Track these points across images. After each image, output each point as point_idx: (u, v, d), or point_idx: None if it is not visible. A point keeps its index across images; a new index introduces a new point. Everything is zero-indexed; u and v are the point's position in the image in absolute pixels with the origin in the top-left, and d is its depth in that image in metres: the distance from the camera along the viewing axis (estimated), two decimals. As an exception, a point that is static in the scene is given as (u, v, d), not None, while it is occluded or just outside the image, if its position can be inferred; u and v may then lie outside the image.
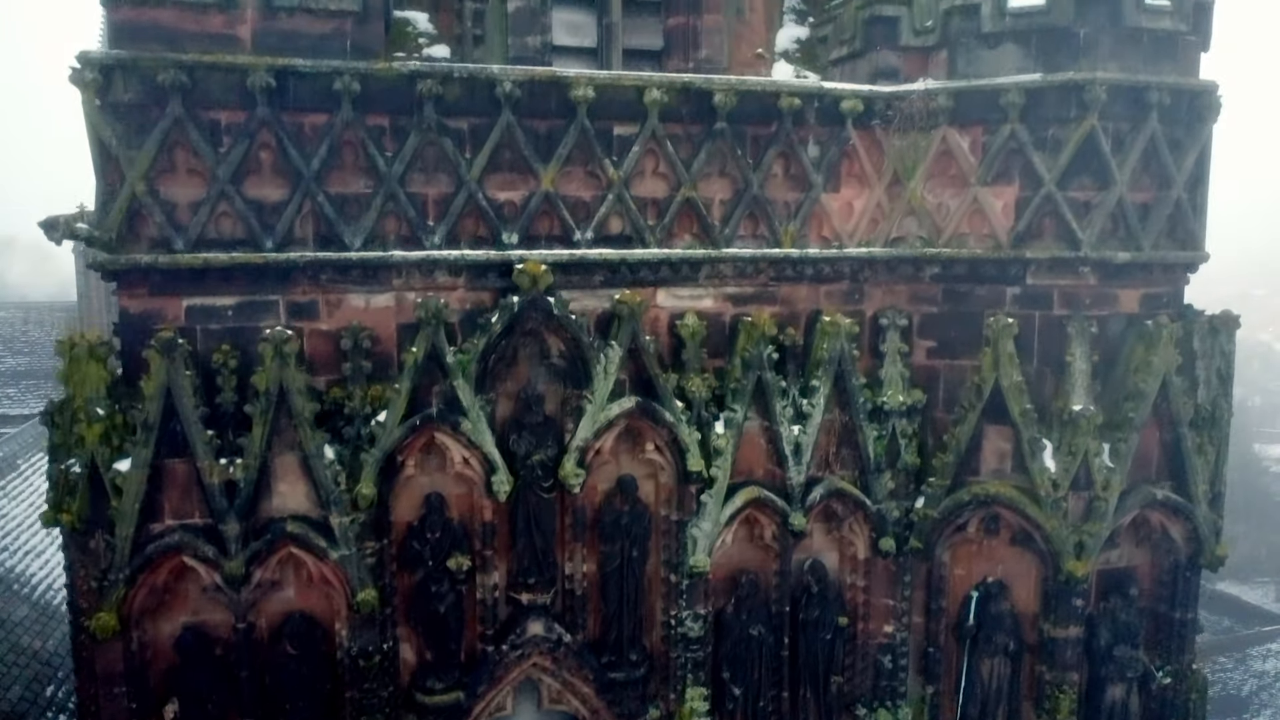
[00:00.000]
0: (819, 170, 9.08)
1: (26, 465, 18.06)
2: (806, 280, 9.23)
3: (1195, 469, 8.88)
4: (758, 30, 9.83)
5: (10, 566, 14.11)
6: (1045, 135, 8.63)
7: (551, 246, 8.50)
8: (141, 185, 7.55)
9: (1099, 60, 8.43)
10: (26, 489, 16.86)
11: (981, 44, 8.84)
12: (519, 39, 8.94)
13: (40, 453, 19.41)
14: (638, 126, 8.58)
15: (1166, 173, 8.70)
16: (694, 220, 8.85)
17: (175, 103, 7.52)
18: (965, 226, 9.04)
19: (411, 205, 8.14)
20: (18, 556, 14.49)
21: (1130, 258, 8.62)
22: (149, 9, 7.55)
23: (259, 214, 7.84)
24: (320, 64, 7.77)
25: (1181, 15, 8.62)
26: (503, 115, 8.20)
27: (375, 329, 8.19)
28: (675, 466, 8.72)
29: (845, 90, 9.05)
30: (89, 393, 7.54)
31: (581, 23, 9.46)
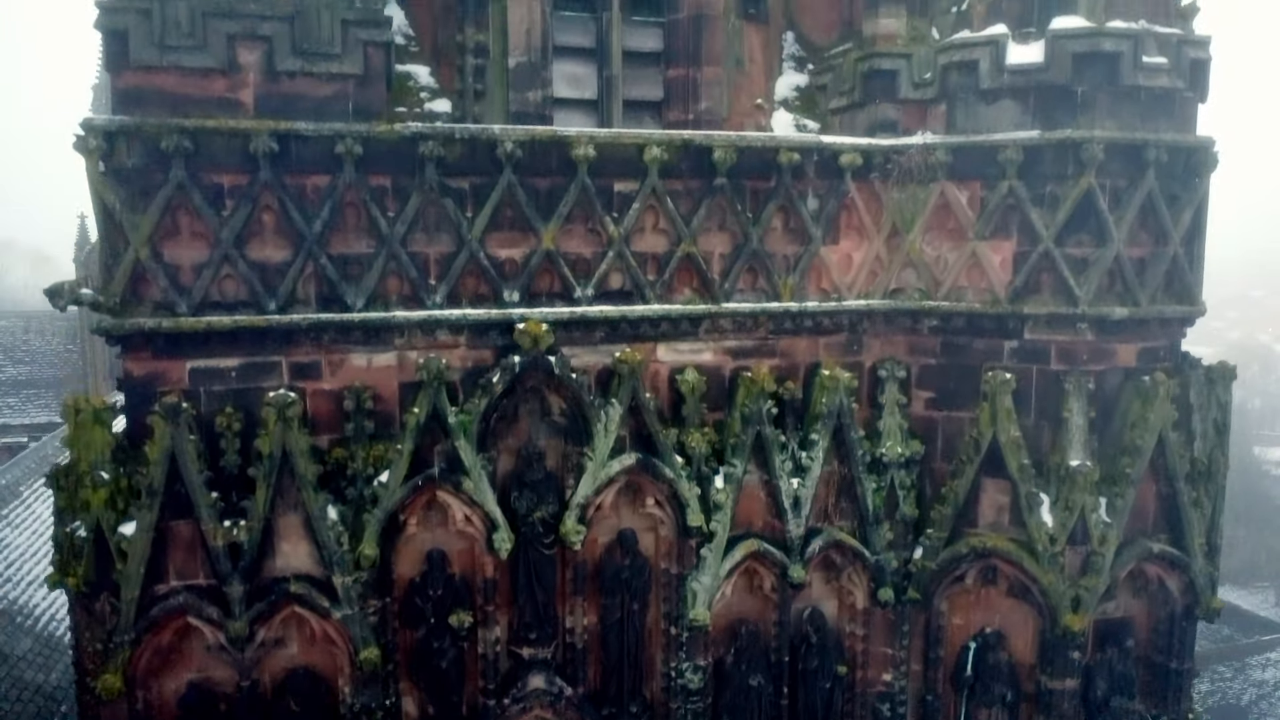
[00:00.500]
0: (818, 223, 9.14)
1: (29, 492, 18.12)
2: (805, 332, 9.28)
3: (1191, 523, 8.94)
4: (757, 80, 9.87)
5: (14, 599, 14.18)
6: (1043, 191, 8.69)
7: (553, 303, 8.57)
8: (145, 250, 7.61)
9: (1097, 118, 8.49)
10: (29, 517, 16.92)
11: (980, 99, 8.89)
12: (520, 94, 8.98)
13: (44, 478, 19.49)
14: (638, 183, 8.64)
15: (1164, 229, 8.76)
16: (694, 275, 8.91)
17: (178, 167, 7.58)
18: (963, 280, 9.09)
19: (413, 265, 8.20)
20: (20, 587, 14.56)
21: (1128, 314, 8.68)
22: (152, 74, 7.61)
23: (262, 275, 7.90)
24: (323, 127, 7.83)
25: (1179, 72, 8.67)
26: (504, 175, 8.26)
27: (377, 387, 8.25)
28: (675, 521, 8.78)
29: (844, 144, 9.10)
30: (94, 457, 7.60)
31: (582, 75, 9.50)
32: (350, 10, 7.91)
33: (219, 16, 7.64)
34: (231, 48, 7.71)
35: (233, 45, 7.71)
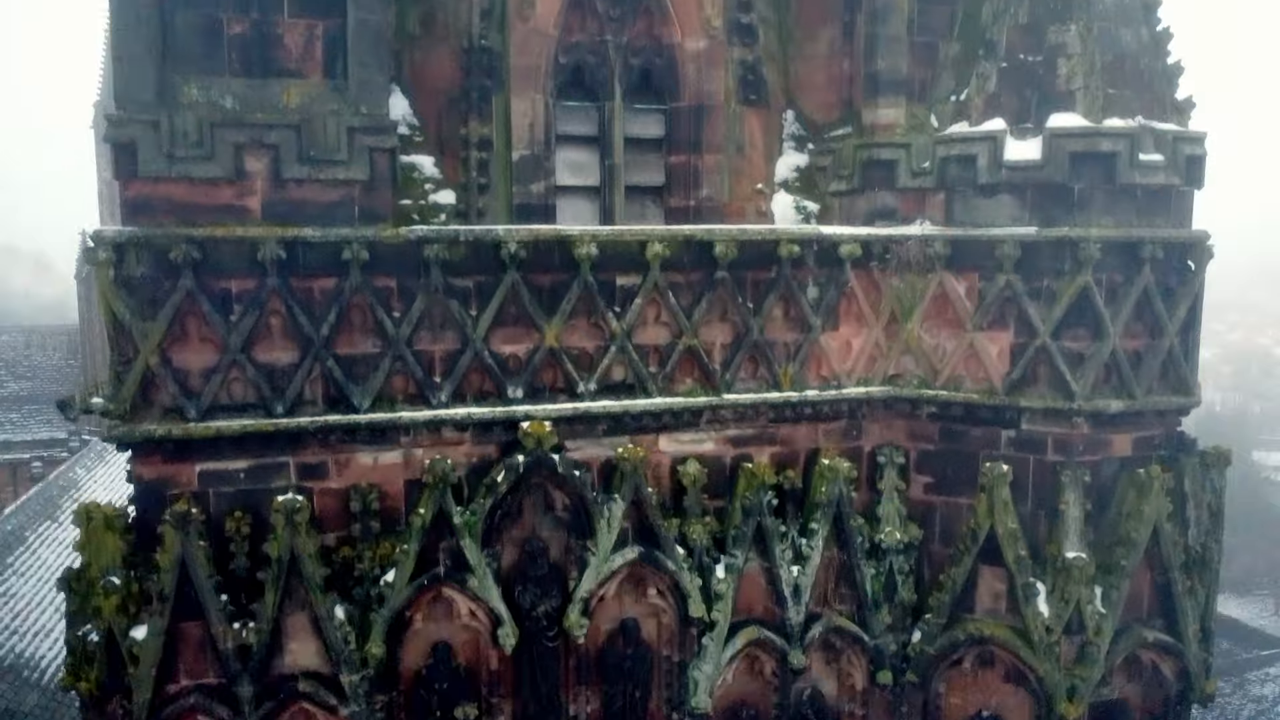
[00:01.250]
0: (818, 312, 9.25)
1: (34, 537, 18.24)
2: (805, 419, 9.40)
3: (1186, 611, 9.07)
4: (757, 165, 9.98)
5: (20, 652, 14.31)
6: (1040, 286, 8.80)
7: (556, 398, 8.68)
8: (155, 357, 7.72)
9: (1093, 215, 8.60)
10: (35, 564, 17.05)
11: (978, 193, 9.00)
12: (523, 187, 9.09)
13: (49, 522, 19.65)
14: (640, 278, 8.75)
15: (1159, 322, 8.87)
16: (695, 365, 9.02)
17: (187, 276, 7.68)
18: (961, 369, 9.21)
19: (419, 364, 8.31)
20: (27, 639, 14.69)
21: (1124, 406, 8.80)
22: (160, 184, 7.71)
23: (269, 378, 8.01)
24: (329, 233, 7.94)
25: (1175, 169, 8.78)
26: (508, 275, 8.36)
27: (383, 485, 8.37)
28: (677, 610, 8.91)
29: (844, 235, 9.21)
30: (105, 563, 7.73)
31: (585, 162, 9.60)
32: (356, 117, 8.02)
33: (226, 126, 7.75)
34: (239, 156, 7.82)
35: (240, 154, 7.82)
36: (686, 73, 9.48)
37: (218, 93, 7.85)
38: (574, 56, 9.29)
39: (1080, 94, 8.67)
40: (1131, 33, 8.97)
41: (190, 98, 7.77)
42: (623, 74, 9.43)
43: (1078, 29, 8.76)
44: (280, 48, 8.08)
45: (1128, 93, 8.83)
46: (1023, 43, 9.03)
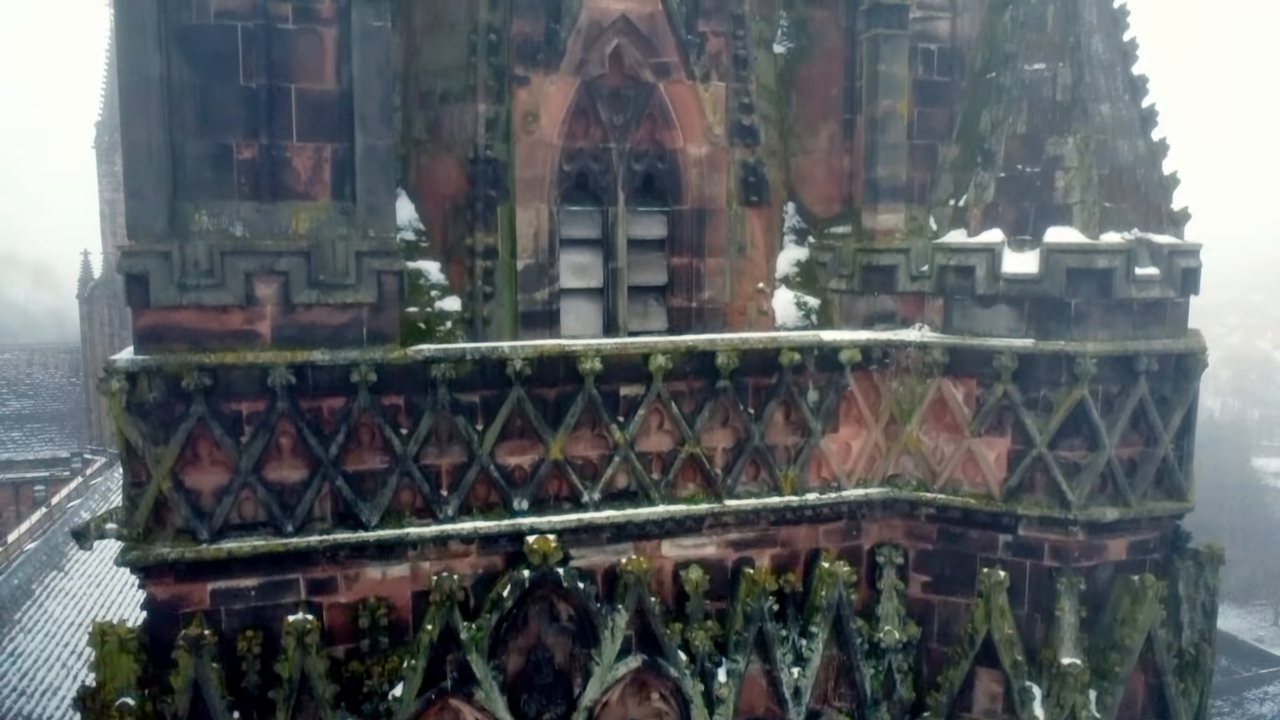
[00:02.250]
0: (818, 416, 9.40)
1: (41, 590, 18.38)
2: (806, 521, 9.55)
3: (1180, 713, 9.23)
4: (759, 264, 10.11)
5: (28, 713, 14.45)
6: (1037, 395, 8.94)
7: (560, 507, 8.83)
8: (167, 482, 7.86)
9: (1089, 329, 8.74)
10: (42, 618, 17.18)
11: (976, 303, 9.14)
12: (528, 295, 9.21)
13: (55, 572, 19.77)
14: (643, 388, 8.90)
15: (1154, 431, 9.01)
16: (697, 471, 9.18)
17: (198, 402, 7.83)
18: (959, 473, 9.35)
19: (426, 479, 8.45)
20: (35, 699, 14.84)
21: (1119, 515, 8.94)
22: (172, 313, 7.85)
23: (280, 497, 8.16)
24: (338, 356, 8.08)
25: (1170, 282, 8.92)
26: (513, 390, 8.51)
27: (391, 598, 8.52)
28: (680, 714, 9.07)
29: (843, 341, 9.35)
30: (120, 684, 7.86)
31: (588, 264, 9.72)
32: (364, 241, 8.15)
33: (237, 254, 7.88)
34: (249, 283, 7.95)
35: (250, 281, 7.95)
36: (689, 178, 9.60)
37: (228, 219, 7.99)
38: (578, 164, 9.41)
39: (1077, 208, 8.81)
40: (1129, 145, 9.10)
41: (201, 225, 7.90)
42: (626, 179, 9.55)
43: (1075, 142, 8.90)
44: (289, 171, 8.21)
45: (1124, 205, 8.97)
46: (1021, 153, 9.17)
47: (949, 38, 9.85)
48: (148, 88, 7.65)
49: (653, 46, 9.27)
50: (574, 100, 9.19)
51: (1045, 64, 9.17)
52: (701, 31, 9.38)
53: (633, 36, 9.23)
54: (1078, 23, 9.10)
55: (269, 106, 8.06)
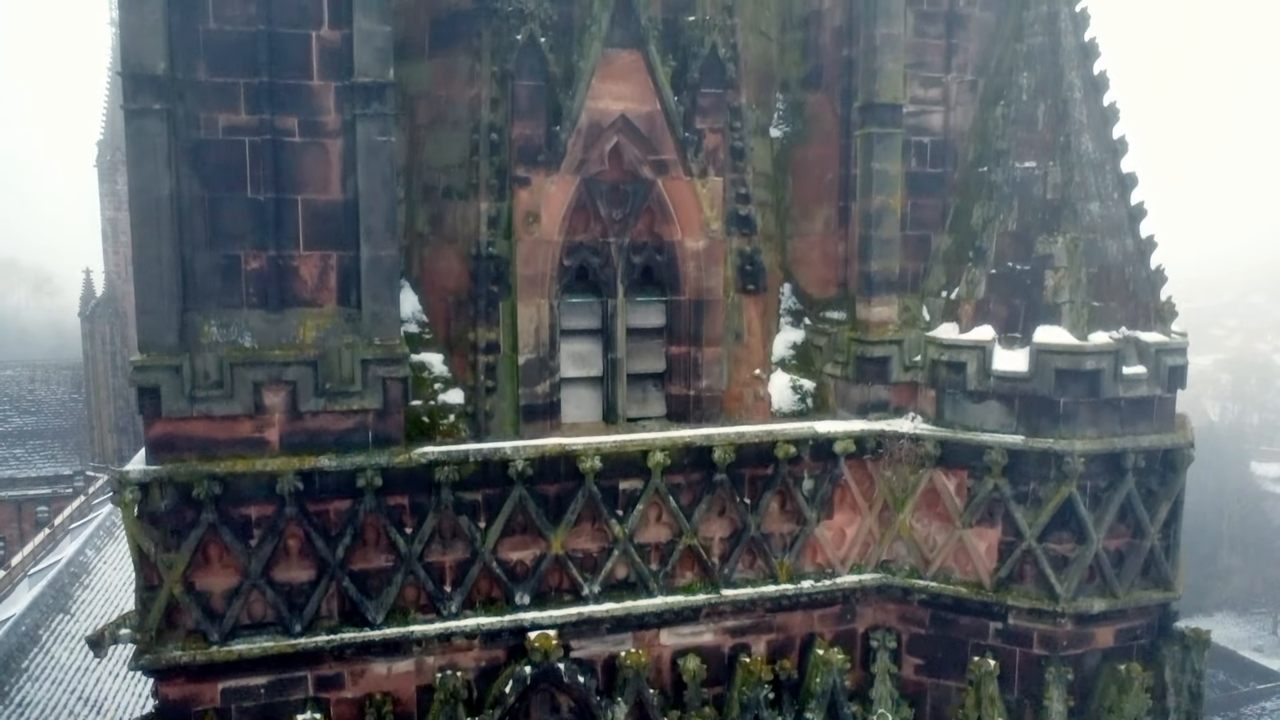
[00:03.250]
0: (813, 505, 9.62)
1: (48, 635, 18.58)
2: (801, 607, 9.77)
3: (1165, 797, 9.47)
4: (755, 351, 10.31)
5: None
6: (1027, 489, 9.15)
7: (561, 599, 9.05)
8: (179, 587, 8.08)
9: (1078, 427, 8.94)
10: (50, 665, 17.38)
11: (967, 398, 9.34)
12: (529, 389, 9.40)
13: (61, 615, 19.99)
14: (642, 482, 9.12)
15: (1141, 523, 9.23)
16: (695, 561, 9.39)
17: (209, 510, 8.04)
18: (951, 561, 9.56)
19: (430, 576, 8.67)
20: (45, 752, 15.03)
21: (1107, 606, 9.16)
22: (183, 423, 8.05)
23: (288, 597, 8.37)
24: (345, 462, 8.29)
25: (1158, 379, 9.13)
26: (515, 489, 8.73)
27: (396, 693, 8.73)
28: (678, 799, 9.29)
29: (838, 432, 9.56)
30: (132, 785, 8.09)
31: (588, 353, 9.91)
32: (370, 349, 8.35)
33: (246, 365, 8.09)
34: (258, 393, 8.16)
35: (259, 391, 8.16)
36: (687, 270, 9.79)
37: (236, 329, 8.19)
38: (578, 258, 9.60)
39: (1066, 308, 9.01)
40: (1117, 243, 9.30)
41: (210, 337, 8.11)
42: (625, 271, 9.74)
43: (1065, 242, 9.09)
44: (296, 279, 8.42)
45: (1113, 303, 9.17)
46: (1012, 250, 9.36)
47: (942, 130, 10.04)
48: (158, 207, 7.85)
49: (651, 144, 9.47)
50: (574, 197, 9.38)
51: (1036, 162, 9.37)
52: (699, 129, 9.57)
53: (632, 135, 9.43)
54: (1068, 122, 9.29)
55: (276, 217, 8.27)
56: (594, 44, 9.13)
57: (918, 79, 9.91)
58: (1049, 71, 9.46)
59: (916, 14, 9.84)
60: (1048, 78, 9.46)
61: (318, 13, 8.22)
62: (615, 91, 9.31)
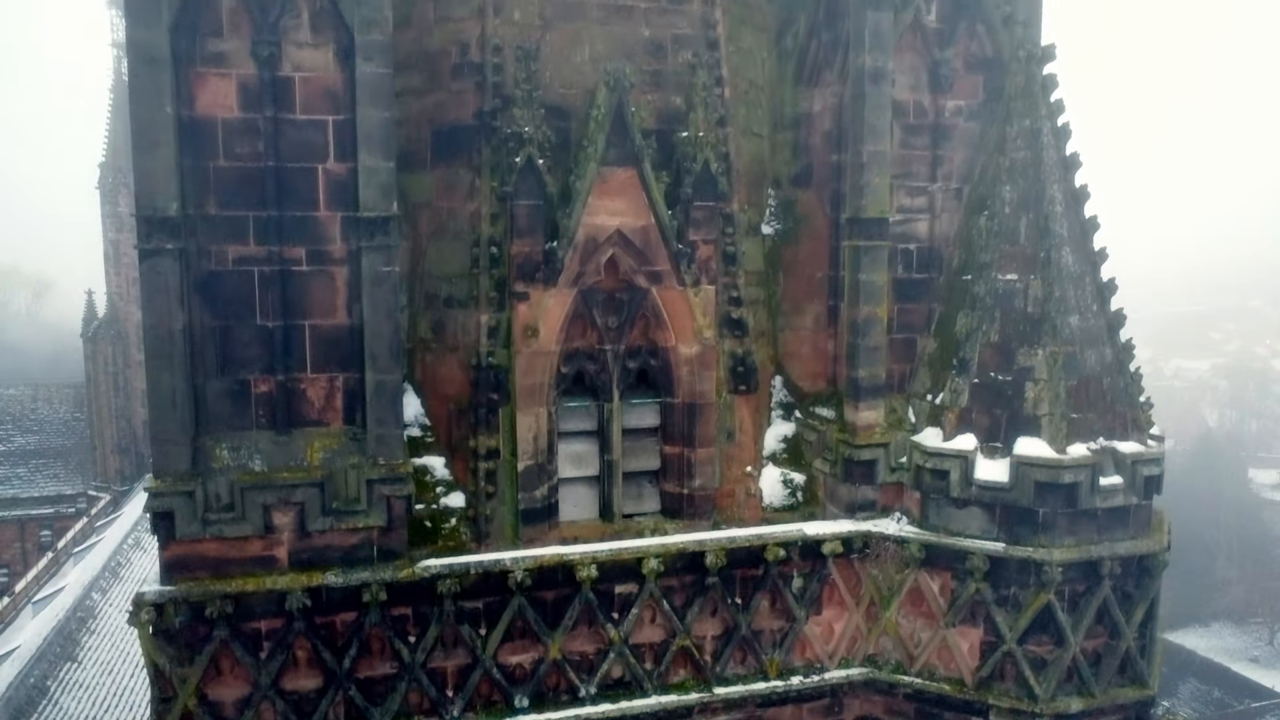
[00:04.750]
0: (802, 603, 9.97)
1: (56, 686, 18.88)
2: (791, 702, 10.12)
3: None
4: (747, 448, 10.64)
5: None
6: (1008, 593, 9.49)
7: (559, 701, 9.40)
8: (193, 699, 8.42)
9: (1056, 536, 9.28)
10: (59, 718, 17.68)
11: (950, 503, 9.68)
12: (528, 493, 9.72)
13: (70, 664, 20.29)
14: (637, 587, 9.47)
15: (1118, 626, 9.57)
16: (688, 660, 9.75)
17: (221, 627, 8.38)
18: (935, 658, 9.91)
19: (432, 683, 9.02)
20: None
21: (1084, 706, 9.51)
22: (196, 545, 8.40)
23: (296, 706, 8.73)
24: (351, 577, 8.63)
25: (1134, 489, 9.46)
26: (515, 598, 9.08)
27: (401, 794, 9.10)
28: None
29: (826, 534, 9.91)
30: None
31: (585, 453, 10.24)
32: (374, 469, 8.69)
33: (256, 489, 8.43)
34: (267, 514, 8.50)
35: (268, 512, 8.50)
36: (680, 374, 10.10)
37: (246, 453, 8.53)
38: (575, 365, 9.93)
39: (1046, 420, 9.34)
40: (1095, 354, 9.64)
41: (222, 461, 8.44)
42: (621, 377, 10.06)
43: (1044, 356, 9.43)
44: (304, 401, 8.75)
45: (1091, 414, 9.51)
46: (994, 361, 9.69)
47: (927, 237, 10.39)
48: (171, 341, 8.18)
49: (646, 257, 9.79)
50: (571, 308, 9.70)
51: (1018, 275, 9.70)
52: (692, 240, 9.89)
53: (627, 247, 9.74)
54: (1049, 237, 9.62)
55: (285, 343, 8.61)
56: (590, 164, 9.45)
57: (904, 188, 10.26)
58: (1031, 186, 9.79)
59: (903, 127, 10.18)
60: (1030, 192, 9.78)
61: (324, 148, 8.55)
62: (611, 207, 9.62)
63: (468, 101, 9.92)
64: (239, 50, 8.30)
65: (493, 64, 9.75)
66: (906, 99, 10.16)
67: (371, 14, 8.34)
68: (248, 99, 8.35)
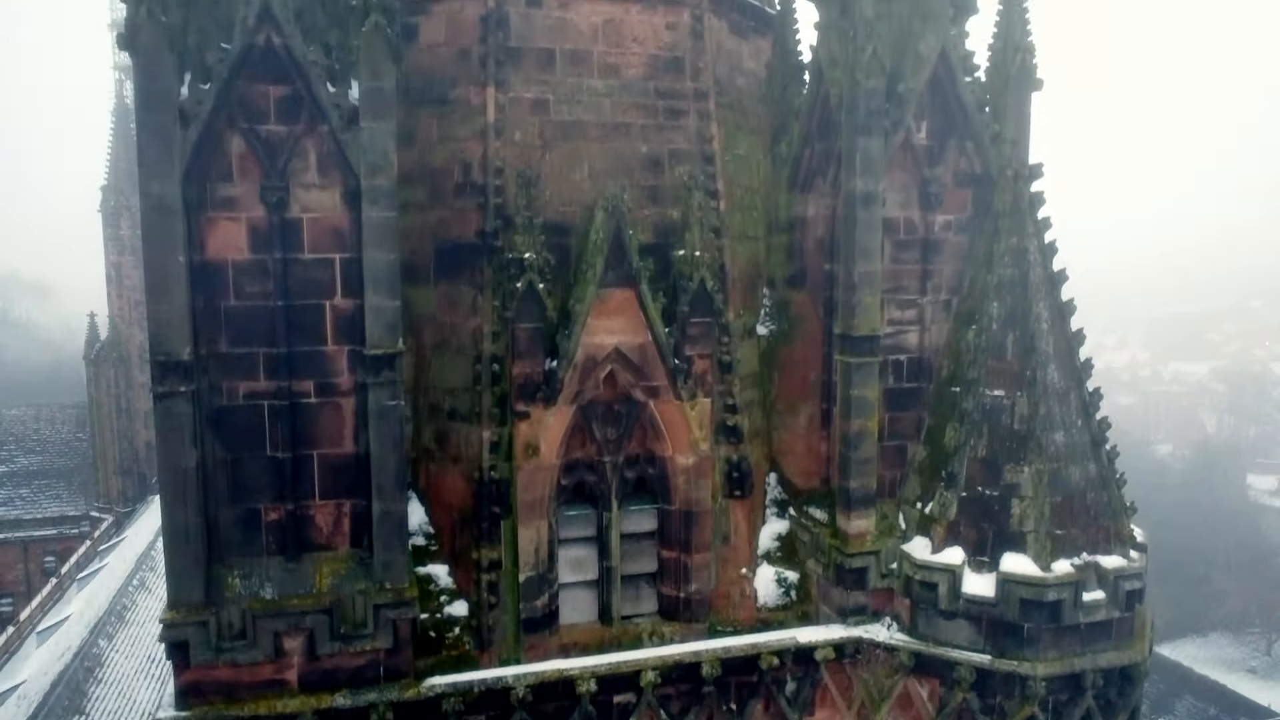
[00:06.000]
0: (795, 706, 10.29)
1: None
2: (785, 803, 10.44)
3: None
4: (742, 551, 10.94)
5: None
6: (994, 702, 9.79)
7: (558, 806, 9.72)
8: (206, 820, 8.73)
9: (1040, 650, 9.58)
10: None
11: (939, 614, 9.97)
12: (530, 603, 10.02)
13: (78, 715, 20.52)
14: (634, 696, 9.78)
15: (1101, 734, 9.89)
16: (686, 766, 10.07)
17: (234, 749, 8.70)
18: (925, 762, 10.23)
19: (437, 795, 9.33)
20: None
21: (1068, 811, 9.82)
22: (209, 670, 8.69)
23: (305, 821, 9.03)
24: (359, 699, 8.94)
25: (1116, 603, 9.76)
26: (517, 713, 9.39)
27: None
28: None
29: (818, 641, 10.21)
30: None
31: (584, 558, 10.54)
32: (381, 594, 8.98)
33: (267, 617, 8.72)
34: (278, 640, 8.79)
35: (279, 638, 8.79)
36: (677, 483, 10.39)
37: (258, 580, 8.82)
38: (575, 476, 10.23)
39: (1031, 537, 9.64)
40: (1080, 470, 9.93)
41: (234, 590, 8.73)
42: (619, 487, 10.36)
43: (1030, 473, 9.71)
44: (312, 527, 9.05)
45: (1075, 530, 9.80)
46: (981, 475, 9.98)
47: (918, 348, 10.67)
48: (185, 478, 8.46)
49: (643, 372, 10.07)
50: (571, 422, 9.99)
51: (1004, 391, 9.98)
52: (689, 355, 10.16)
53: (625, 364, 10.03)
54: (1035, 355, 9.89)
55: (294, 472, 8.89)
56: (589, 287, 9.73)
57: (895, 302, 10.53)
58: (1018, 303, 10.06)
59: (893, 243, 10.45)
60: (1016, 309, 10.06)
61: (331, 285, 8.82)
62: (609, 326, 9.91)
63: (470, 220, 10.21)
64: (248, 194, 8.57)
65: (494, 186, 10.05)
66: (897, 216, 10.43)
67: (377, 160, 8.60)
68: (257, 240, 8.62)
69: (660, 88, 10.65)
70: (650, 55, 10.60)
